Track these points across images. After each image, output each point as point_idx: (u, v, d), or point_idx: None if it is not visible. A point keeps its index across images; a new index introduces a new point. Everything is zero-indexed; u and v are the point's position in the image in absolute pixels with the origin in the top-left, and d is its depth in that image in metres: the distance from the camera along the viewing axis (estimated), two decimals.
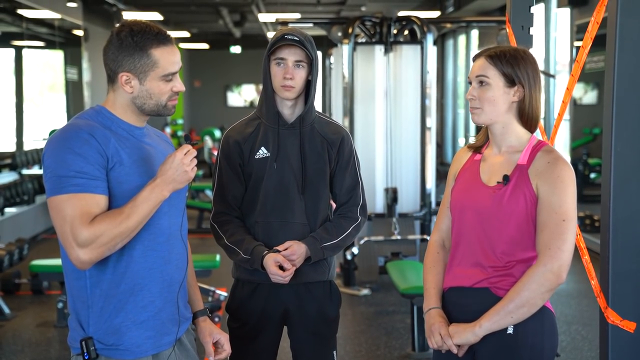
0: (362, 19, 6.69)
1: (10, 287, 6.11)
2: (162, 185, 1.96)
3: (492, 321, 2.09)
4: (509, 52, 2.14)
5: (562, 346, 4.83)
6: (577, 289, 6.14)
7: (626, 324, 2.32)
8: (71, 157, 1.90)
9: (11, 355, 4.81)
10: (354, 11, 13.54)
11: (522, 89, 2.13)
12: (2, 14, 9.46)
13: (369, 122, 6.65)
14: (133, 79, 2.01)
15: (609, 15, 2.34)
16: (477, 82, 2.16)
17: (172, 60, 2.04)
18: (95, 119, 2.02)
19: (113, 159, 1.96)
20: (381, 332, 5.24)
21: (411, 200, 6.71)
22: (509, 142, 2.18)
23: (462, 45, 14.50)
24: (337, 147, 2.67)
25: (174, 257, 2.10)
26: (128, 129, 2.05)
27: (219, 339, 2.27)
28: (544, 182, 2.09)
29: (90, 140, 1.93)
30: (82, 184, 1.90)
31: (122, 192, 1.97)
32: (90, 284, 1.99)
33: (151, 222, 2.00)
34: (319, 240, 2.60)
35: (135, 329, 2.01)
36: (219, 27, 16.46)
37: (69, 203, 1.89)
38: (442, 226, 2.32)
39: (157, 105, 2.05)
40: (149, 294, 2.04)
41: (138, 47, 1.99)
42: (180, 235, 2.12)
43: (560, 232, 2.06)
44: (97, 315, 1.99)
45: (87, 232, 1.88)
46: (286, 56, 2.57)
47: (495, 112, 2.15)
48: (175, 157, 1.97)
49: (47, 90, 11.95)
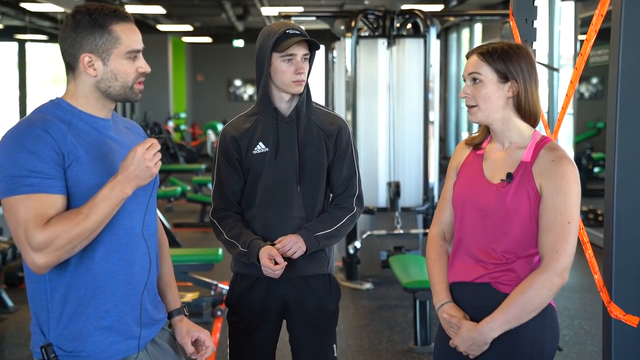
0: (365, 12, 6.67)
1: (13, 280, 6.11)
2: (123, 182, 1.83)
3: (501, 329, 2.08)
4: (501, 48, 2.13)
5: (565, 340, 4.82)
6: (580, 284, 6.13)
7: (629, 319, 2.31)
8: (24, 156, 1.79)
9: (14, 348, 4.81)
10: (357, 4, 13.51)
11: (517, 84, 2.12)
12: (5, 8, 9.45)
13: (372, 116, 6.64)
14: (96, 60, 1.89)
15: (614, 8, 2.32)
16: (470, 79, 2.15)
17: (134, 37, 1.92)
18: (53, 112, 1.90)
19: (70, 156, 1.84)
20: (383, 326, 5.24)
21: (414, 195, 6.70)
22: (511, 138, 2.17)
23: (465, 39, 14.47)
24: (335, 137, 2.66)
25: (138, 258, 1.99)
26: (91, 122, 1.93)
27: (199, 337, 2.16)
28: (548, 181, 2.07)
29: (45, 137, 1.81)
30: (37, 184, 1.79)
31: (81, 191, 1.85)
32: (50, 287, 1.89)
33: (114, 222, 1.89)
34: (312, 230, 2.60)
35: (98, 334, 1.91)
36: (221, 21, 16.42)
37: (22, 204, 1.78)
38: (443, 219, 2.31)
39: (123, 87, 1.92)
40: (112, 297, 1.93)
41: (97, 25, 1.88)
42: (142, 235, 2.00)
43: (566, 234, 2.05)
44: (56, 320, 1.90)
45: (41, 235, 1.77)
46: (296, 52, 2.56)
47: (491, 109, 2.14)
48: (137, 152, 1.84)
49: (51, 83, 11.96)
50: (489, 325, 2.07)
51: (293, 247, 2.56)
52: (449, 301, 2.20)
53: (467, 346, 2.11)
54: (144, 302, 2.01)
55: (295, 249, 2.56)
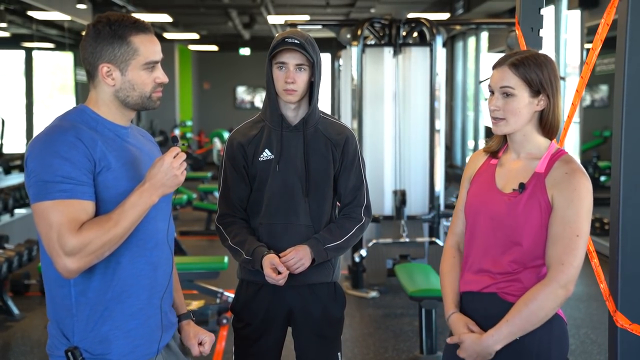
0: (371, 20, 6.68)
1: (19, 288, 6.12)
2: (151, 190, 1.88)
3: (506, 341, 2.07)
4: (532, 59, 2.08)
5: (572, 349, 4.81)
6: (586, 292, 6.11)
7: (635, 328, 2.31)
8: (58, 162, 1.82)
9: (20, 356, 4.82)
10: (363, 13, 13.54)
11: (547, 98, 2.09)
12: (12, 16, 9.50)
13: (378, 124, 6.64)
14: (114, 70, 1.93)
15: (620, 16, 2.32)
16: (500, 92, 2.10)
17: (152, 48, 1.96)
18: (81, 119, 1.94)
19: (101, 163, 1.88)
20: (389, 334, 5.23)
21: (420, 203, 6.70)
22: (528, 150, 2.15)
23: (471, 47, 14.47)
24: (342, 147, 2.67)
25: (162, 262, 2.04)
26: (113, 129, 1.98)
27: (203, 339, 2.21)
28: (560, 193, 2.06)
29: (78, 144, 1.85)
30: (69, 189, 1.82)
31: (110, 197, 1.89)
32: (75, 292, 1.92)
33: (139, 227, 1.93)
34: (322, 241, 2.60)
35: (124, 337, 1.95)
36: (228, 29, 16.48)
37: (55, 210, 1.81)
38: (457, 230, 2.30)
39: (141, 97, 1.97)
40: (137, 301, 1.97)
41: (117, 36, 1.91)
42: (167, 240, 2.07)
43: (573, 247, 2.03)
44: (83, 324, 1.92)
45: (75, 240, 1.80)
46: (287, 60, 2.56)
47: (519, 122, 2.11)
48: (164, 160, 1.89)
49: (57, 91, 12.01)
50: (494, 338, 2.07)
51: (297, 263, 2.56)
52: (455, 312, 2.20)
53: (472, 358, 2.11)
54: (163, 306, 2.06)
55: (298, 266, 2.56)
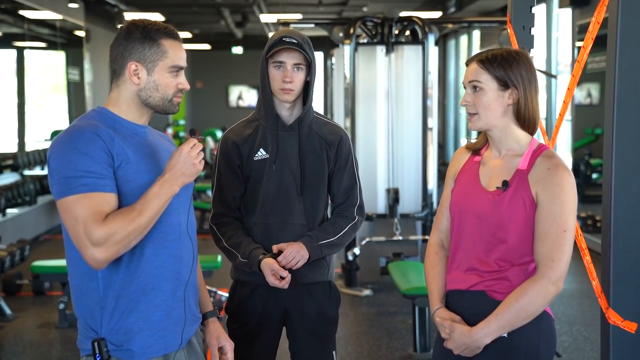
0: (364, 19, 6.69)
1: (11, 288, 6.11)
2: (171, 180, 1.96)
3: (494, 335, 2.07)
4: (501, 55, 2.11)
5: (564, 347, 4.83)
6: (578, 290, 6.13)
7: (627, 325, 2.32)
8: (78, 157, 1.89)
9: (12, 357, 4.81)
10: (356, 12, 13.54)
11: (517, 91, 2.11)
12: (3, 15, 9.46)
13: (371, 122, 6.65)
14: (141, 69, 2.01)
15: (610, 15, 2.33)
16: (470, 87, 2.14)
17: (180, 54, 2.06)
18: (98, 119, 2.01)
19: (119, 157, 1.95)
20: (383, 332, 5.23)
21: (413, 201, 6.71)
22: (509, 146, 2.16)
23: (464, 46, 14.49)
24: (336, 147, 2.67)
25: (185, 254, 2.09)
26: (131, 128, 2.04)
27: (224, 345, 2.25)
28: (544, 189, 2.06)
29: (95, 139, 1.92)
30: (91, 183, 1.89)
31: (131, 189, 1.96)
32: (103, 285, 1.98)
33: (161, 219, 1.99)
34: (315, 238, 2.60)
35: (148, 328, 2.00)
36: (220, 28, 16.46)
37: (79, 203, 1.87)
38: (441, 226, 2.31)
39: (162, 99, 2.04)
40: (161, 293, 2.02)
41: (148, 37, 2.01)
42: (187, 232, 2.12)
43: (562, 243, 2.04)
44: (109, 316, 1.98)
45: (100, 231, 1.86)
46: (285, 59, 2.56)
47: (491, 116, 2.12)
48: (182, 150, 1.98)
49: (49, 91, 11.96)
50: (483, 331, 2.07)
51: (296, 256, 2.56)
52: (441, 306, 2.20)
53: (460, 350, 2.11)
54: (187, 298, 2.10)
55: (298, 259, 2.56)
